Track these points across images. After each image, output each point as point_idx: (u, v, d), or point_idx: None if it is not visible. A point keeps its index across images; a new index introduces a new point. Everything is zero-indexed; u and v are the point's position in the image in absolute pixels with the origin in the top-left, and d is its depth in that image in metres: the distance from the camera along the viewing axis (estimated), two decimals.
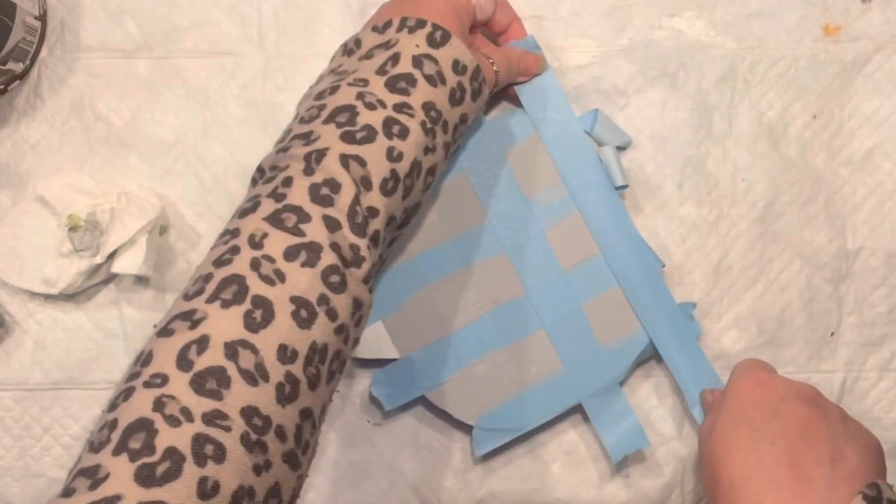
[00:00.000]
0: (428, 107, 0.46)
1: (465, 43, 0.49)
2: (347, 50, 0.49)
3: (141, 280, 0.57)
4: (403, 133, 0.44)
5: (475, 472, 0.57)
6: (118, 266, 0.54)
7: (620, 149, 0.57)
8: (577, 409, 0.56)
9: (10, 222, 0.56)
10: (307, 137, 0.43)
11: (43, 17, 0.57)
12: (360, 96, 0.44)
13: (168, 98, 0.58)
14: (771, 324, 0.57)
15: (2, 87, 0.56)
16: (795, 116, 0.58)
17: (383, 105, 0.44)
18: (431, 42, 0.47)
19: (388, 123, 0.44)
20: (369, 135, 0.43)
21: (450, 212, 0.56)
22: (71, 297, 0.57)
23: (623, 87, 0.58)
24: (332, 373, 0.41)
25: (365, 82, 0.45)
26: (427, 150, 0.46)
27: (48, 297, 0.57)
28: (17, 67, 0.56)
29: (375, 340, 0.56)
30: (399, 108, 0.45)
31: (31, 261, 0.55)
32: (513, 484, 0.56)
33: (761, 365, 0.50)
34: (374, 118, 0.44)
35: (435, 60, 0.46)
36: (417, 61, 0.46)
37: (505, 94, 0.57)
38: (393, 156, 0.44)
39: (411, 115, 0.45)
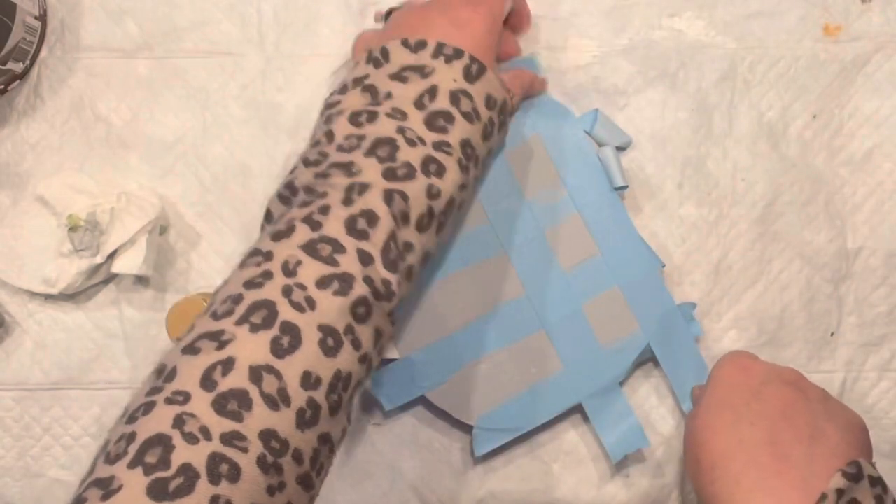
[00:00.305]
0: (464, 144, 0.46)
1: (494, 64, 0.49)
2: (373, 59, 0.48)
3: (141, 280, 0.57)
4: (441, 171, 0.45)
5: (475, 472, 0.57)
6: (118, 266, 0.54)
7: (620, 149, 0.57)
8: (577, 409, 0.56)
9: (10, 222, 0.56)
10: (348, 168, 0.43)
11: (43, 17, 0.57)
12: (400, 131, 0.44)
13: (168, 98, 0.58)
14: (771, 324, 0.57)
15: (2, 87, 0.56)
16: (795, 116, 0.58)
17: (423, 142, 0.45)
18: (468, 76, 0.47)
19: (427, 162, 0.44)
20: (409, 172, 0.44)
21: None
22: (71, 297, 0.57)
23: (623, 87, 0.58)
24: (352, 399, 0.42)
25: (404, 115, 0.45)
26: (462, 188, 0.46)
27: (48, 297, 0.57)
28: (17, 67, 0.56)
29: None
30: (438, 146, 0.45)
31: (31, 261, 0.55)
32: (513, 484, 0.56)
33: (745, 353, 0.50)
34: (414, 156, 0.44)
35: (471, 97, 0.46)
36: (455, 97, 0.46)
37: None
38: (432, 193, 0.44)
39: (449, 154, 0.45)
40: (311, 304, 0.39)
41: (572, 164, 0.56)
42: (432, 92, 0.46)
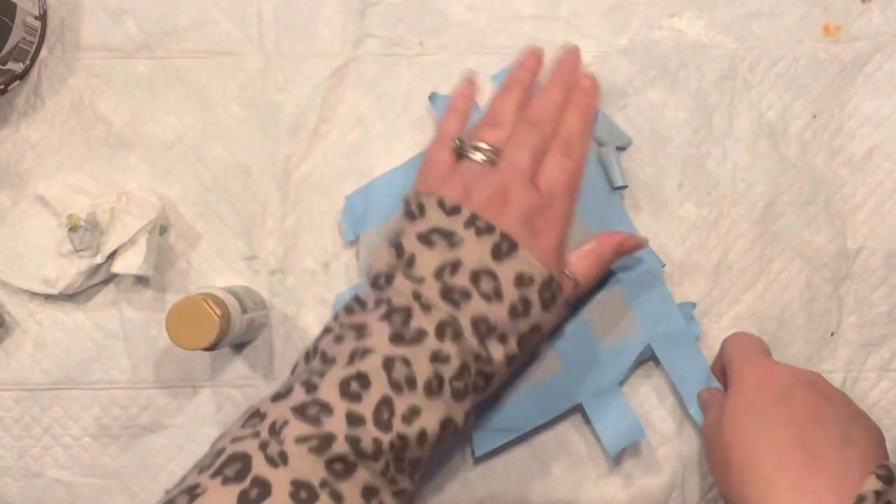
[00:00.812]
0: (477, 322, 0.45)
1: (553, 253, 0.48)
2: (409, 212, 0.48)
3: (141, 280, 0.57)
4: (456, 336, 0.44)
5: (475, 472, 0.56)
6: (118, 266, 0.54)
7: (620, 149, 0.57)
8: (577, 409, 0.56)
9: (10, 222, 0.56)
10: (360, 331, 0.44)
11: (43, 17, 0.57)
12: (416, 296, 0.45)
13: (168, 98, 0.58)
14: (771, 324, 0.57)
15: (2, 87, 0.56)
16: (795, 116, 0.58)
17: (438, 309, 0.45)
18: (496, 254, 0.46)
19: (442, 326, 0.44)
20: (418, 337, 0.44)
21: None
22: (71, 297, 0.57)
23: (623, 87, 0.58)
24: None
25: (421, 280, 0.45)
26: (479, 358, 0.45)
27: (48, 297, 0.57)
28: (17, 67, 0.56)
29: None
30: (451, 316, 0.45)
31: (31, 261, 0.55)
32: (513, 484, 0.56)
33: (758, 347, 0.50)
34: (428, 321, 0.44)
35: (494, 276, 0.45)
36: (475, 277, 0.45)
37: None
38: (439, 358, 0.44)
39: (461, 325, 0.45)
40: (285, 458, 0.40)
41: None
42: (454, 267, 0.45)
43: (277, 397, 0.43)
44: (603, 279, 0.55)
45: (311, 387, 0.42)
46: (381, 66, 0.58)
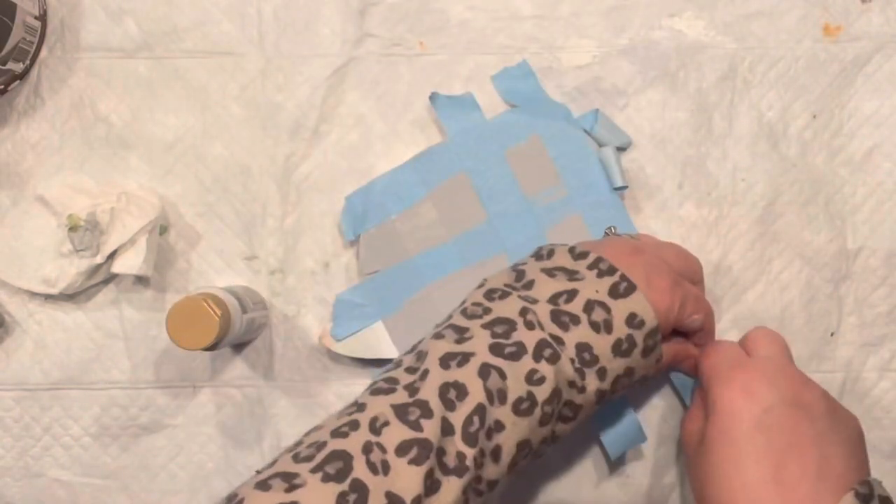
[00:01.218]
0: (582, 348, 0.45)
1: (666, 330, 0.48)
2: (538, 254, 0.49)
3: (141, 280, 0.57)
4: (552, 359, 0.44)
5: None
6: (118, 266, 0.54)
7: (620, 149, 0.57)
8: None
9: (10, 222, 0.56)
10: (461, 333, 0.44)
11: (43, 17, 0.57)
12: (523, 312, 0.45)
13: (168, 98, 0.58)
14: (771, 324, 0.57)
15: (2, 87, 0.56)
16: (795, 116, 0.58)
17: (542, 328, 0.44)
18: (613, 292, 0.46)
19: (540, 346, 0.44)
20: (518, 352, 0.43)
21: (450, 212, 0.56)
22: (71, 297, 0.57)
23: (623, 87, 0.58)
24: None
25: (534, 301, 0.46)
26: (572, 387, 0.45)
27: (48, 297, 0.57)
28: (17, 67, 0.56)
29: (375, 340, 0.56)
30: (554, 338, 0.45)
31: (31, 261, 0.55)
32: (512, 484, 0.56)
33: (736, 360, 0.48)
34: (529, 338, 0.44)
35: (608, 310, 0.46)
36: (589, 305, 0.46)
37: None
38: (533, 379, 0.43)
39: (563, 348, 0.44)
40: (386, 468, 0.39)
41: (572, 164, 0.56)
42: (571, 295, 0.46)
43: (377, 391, 0.43)
44: None
45: (413, 390, 0.42)
46: (381, 66, 0.58)
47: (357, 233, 0.56)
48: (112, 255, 0.54)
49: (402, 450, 0.40)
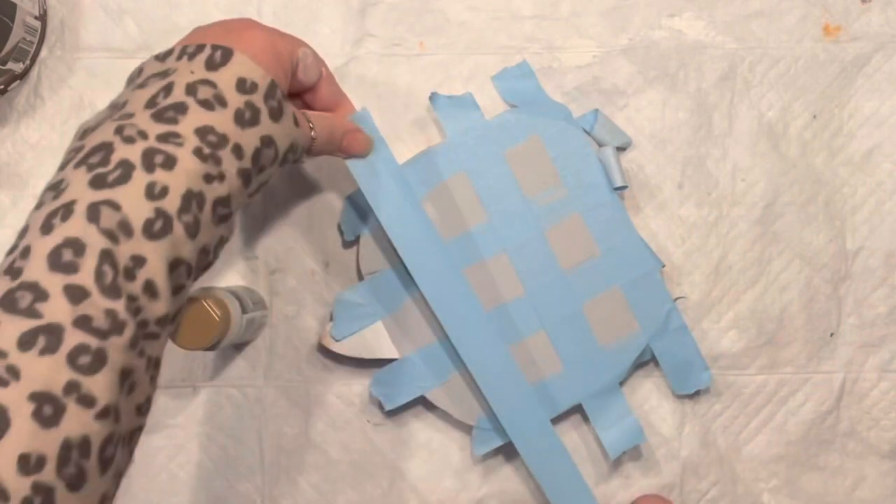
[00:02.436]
0: (203, 132, 0.40)
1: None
2: (129, 78, 0.44)
3: None
4: (169, 163, 0.38)
5: (475, 472, 0.57)
6: None
7: (620, 149, 0.57)
8: (577, 409, 0.56)
9: (10, 222, 0.56)
10: (57, 188, 0.38)
11: (43, 17, 0.57)
12: (118, 130, 0.39)
13: None
14: (771, 324, 0.57)
15: (2, 87, 0.56)
16: (795, 116, 0.58)
17: (144, 136, 0.39)
18: (210, 65, 0.42)
19: (149, 155, 0.38)
20: (124, 173, 0.38)
21: (450, 212, 0.56)
22: None
23: (623, 87, 0.58)
24: (113, 455, 0.36)
25: (129, 115, 0.40)
26: (210, 178, 0.40)
27: None
28: (17, 67, 0.56)
29: (375, 340, 0.56)
30: (164, 137, 0.39)
31: None
32: (513, 484, 0.56)
33: None
34: (132, 152, 0.38)
35: (213, 84, 0.41)
36: (191, 88, 0.41)
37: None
38: (154, 193, 0.38)
39: (179, 144, 0.39)
40: (15, 373, 0.33)
41: (572, 164, 0.56)
42: (168, 89, 0.41)
43: None
44: (603, 279, 0.55)
45: (15, 272, 0.35)
46: (381, 66, 0.58)
47: (357, 233, 0.56)
48: None
49: (24, 344, 0.34)
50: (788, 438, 0.57)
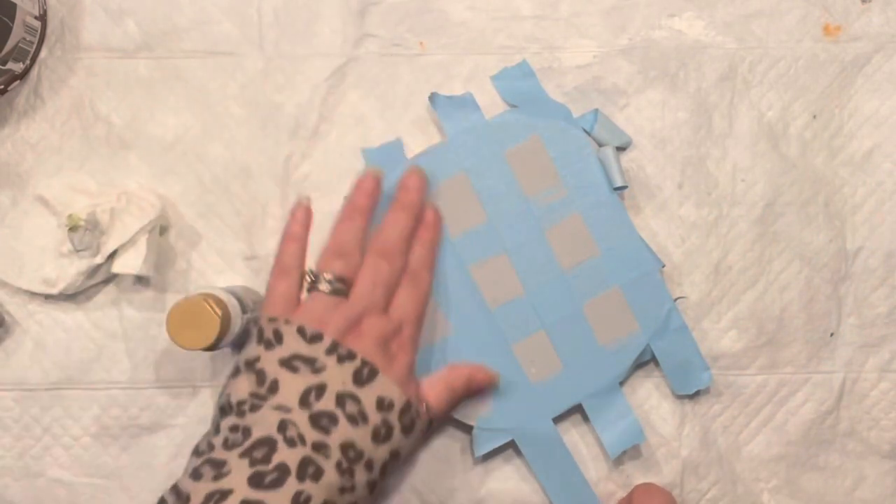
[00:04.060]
0: (346, 446, 0.45)
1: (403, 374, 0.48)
2: (265, 340, 0.48)
3: (141, 280, 0.57)
4: (317, 475, 0.43)
5: (475, 472, 0.57)
6: (118, 266, 0.54)
7: (620, 149, 0.57)
8: (577, 409, 0.56)
9: (10, 222, 0.56)
10: (218, 468, 0.43)
11: (43, 17, 0.57)
12: (282, 427, 0.44)
13: (168, 98, 0.58)
14: (771, 324, 0.57)
15: (2, 87, 0.56)
16: (795, 116, 0.58)
17: (303, 441, 0.44)
18: (357, 380, 0.46)
19: (304, 464, 0.43)
20: (280, 477, 0.42)
21: (450, 212, 0.56)
22: (71, 297, 0.57)
23: (623, 87, 0.58)
24: None
25: (287, 410, 0.45)
26: (343, 490, 0.44)
27: (48, 297, 0.57)
28: (17, 67, 0.56)
29: None
30: (317, 447, 0.44)
31: (31, 261, 0.55)
32: (513, 484, 0.56)
33: None
34: (291, 457, 0.43)
35: (358, 400, 0.46)
36: (341, 400, 0.45)
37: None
38: (299, 501, 0.42)
39: (327, 457, 0.44)
40: None
41: (572, 164, 0.56)
42: (320, 391, 0.45)
43: None
44: (603, 279, 0.55)
45: None
46: (381, 66, 0.58)
47: None
48: (112, 255, 0.54)
49: None
50: (788, 438, 0.57)
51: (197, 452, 0.46)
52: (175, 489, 0.43)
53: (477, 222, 0.56)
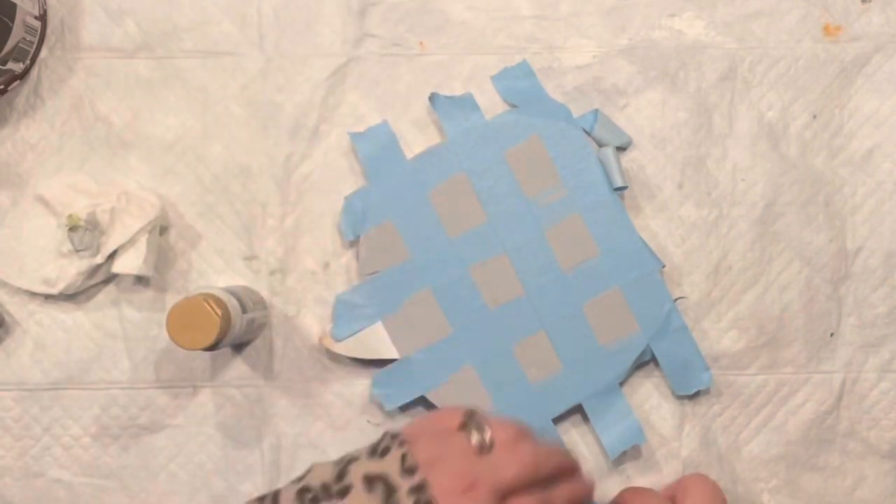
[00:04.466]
0: None
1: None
2: (374, 448, 0.45)
3: (141, 280, 0.57)
4: None
5: None
6: (118, 266, 0.54)
7: (620, 149, 0.57)
8: (577, 409, 0.56)
9: (10, 222, 0.56)
10: None
11: (43, 17, 0.57)
12: None
13: (168, 98, 0.58)
14: (771, 324, 0.57)
15: (2, 87, 0.56)
16: (795, 116, 0.58)
17: None
18: None
19: None
20: None
21: (450, 212, 0.56)
22: (71, 297, 0.57)
23: (623, 87, 0.58)
24: None
25: None
26: None
27: (48, 297, 0.57)
28: (17, 67, 0.56)
29: (375, 340, 0.56)
30: None
31: (31, 261, 0.55)
32: None
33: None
34: None
35: None
36: None
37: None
38: None
39: None
40: None
41: (572, 164, 0.56)
42: None
43: None
44: (603, 279, 0.55)
45: None
46: (381, 66, 0.58)
47: (356, 233, 0.56)
48: (112, 255, 0.54)
49: None
50: (788, 438, 0.57)
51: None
52: None
53: (477, 222, 0.56)
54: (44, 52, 0.58)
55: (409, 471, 0.43)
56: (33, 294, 0.57)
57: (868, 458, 0.57)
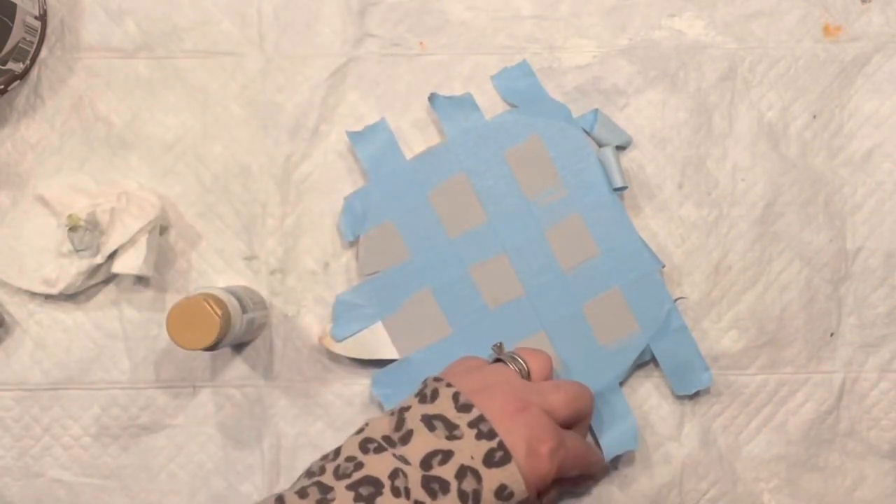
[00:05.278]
0: None
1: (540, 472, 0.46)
2: (421, 394, 0.47)
3: (141, 280, 0.57)
4: None
5: None
6: (118, 266, 0.54)
7: (620, 149, 0.57)
8: None
9: (10, 222, 0.56)
10: (325, 493, 0.43)
11: (43, 17, 0.57)
12: (393, 475, 0.43)
13: (168, 98, 0.58)
14: (771, 324, 0.57)
15: (2, 87, 0.56)
16: (795, 116, 0.58)
17: (407, 496, 0.43)
18: (488, 461, 0.44)
19: None
20: None
21: (450, 212, 0.56)
22: (71, 297, 0.57)
23: (623, 87, 0.58)
24: None
25: (405, 461, 0.44)
26: None
27: (48, 297, 0.57)
28: (17, 67, 0.56)
29: (375, 341, 0.56)
30: None
31: (31, 261, 0.55)
32: None
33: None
34: None
35: (479, 479, 0.44)
36: (462, 472, 0.44)
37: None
38: None
39: None
40: None
41: (572, 164, 0.56)
42: (446, 456, 0.44)
43: None
44: (603, 279, 0.55)
45: None
46: (381, 66, 0.58)
47: (356, 234, 0.56)
48: (112, 255, 0.54)
49: None
50: (788, 438, 0.57)
51: (308, 473, 0.45)
52: (280, 500, 0.43)
53: (477, 222, 0.56)
54: (44, 52, 0.58)
55: (464, 407, 0.46)
56: (33, 294, 0.57)
57: (868, 457, 0.57)
